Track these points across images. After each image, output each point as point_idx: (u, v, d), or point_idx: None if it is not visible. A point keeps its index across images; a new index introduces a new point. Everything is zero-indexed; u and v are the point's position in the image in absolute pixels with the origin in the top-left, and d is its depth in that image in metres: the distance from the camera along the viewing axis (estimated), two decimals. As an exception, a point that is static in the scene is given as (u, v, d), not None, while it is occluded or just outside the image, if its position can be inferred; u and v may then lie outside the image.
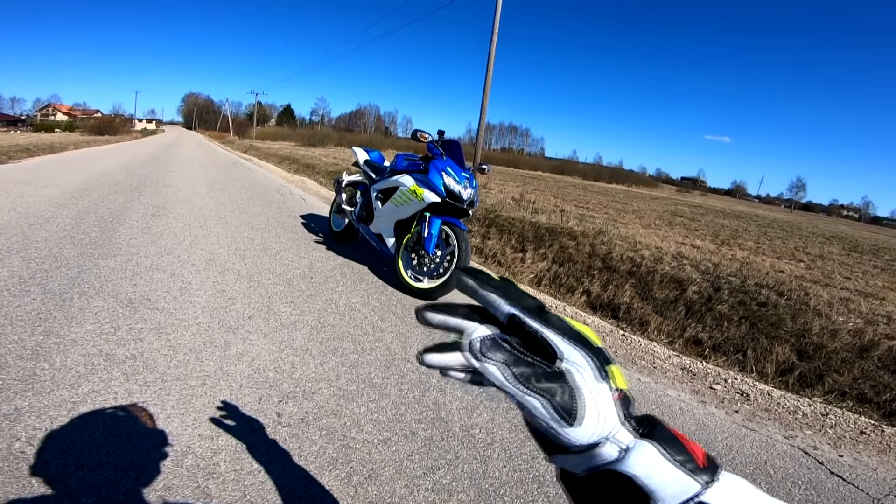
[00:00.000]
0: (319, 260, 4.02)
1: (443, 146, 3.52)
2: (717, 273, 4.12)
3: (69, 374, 1.82)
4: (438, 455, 1.63)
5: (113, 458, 1.40)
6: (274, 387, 1.92)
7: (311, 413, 1.77)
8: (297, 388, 1.93)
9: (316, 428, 1.69)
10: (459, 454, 1.65)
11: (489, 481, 1.53)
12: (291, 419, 1.72)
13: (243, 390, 1.87)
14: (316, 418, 1.75)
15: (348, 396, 1.93)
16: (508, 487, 1.51)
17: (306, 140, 42.96)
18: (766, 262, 6.96)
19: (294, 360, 2.17)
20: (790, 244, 11.32)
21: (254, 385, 1.91)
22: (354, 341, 2.48)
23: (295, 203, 7.09)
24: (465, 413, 1.91)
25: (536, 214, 6.04)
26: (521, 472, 1.60)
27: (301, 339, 2.42)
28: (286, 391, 1.90)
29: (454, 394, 2.05)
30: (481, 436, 1.77)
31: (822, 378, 2.73)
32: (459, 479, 1.52)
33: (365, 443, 1.64)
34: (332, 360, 2.22)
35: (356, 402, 1.89)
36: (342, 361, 2.23)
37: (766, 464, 1.88)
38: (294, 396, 1.87)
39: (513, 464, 1.63)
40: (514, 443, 1.75)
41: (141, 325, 2.32)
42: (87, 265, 3.14)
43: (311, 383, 1.99)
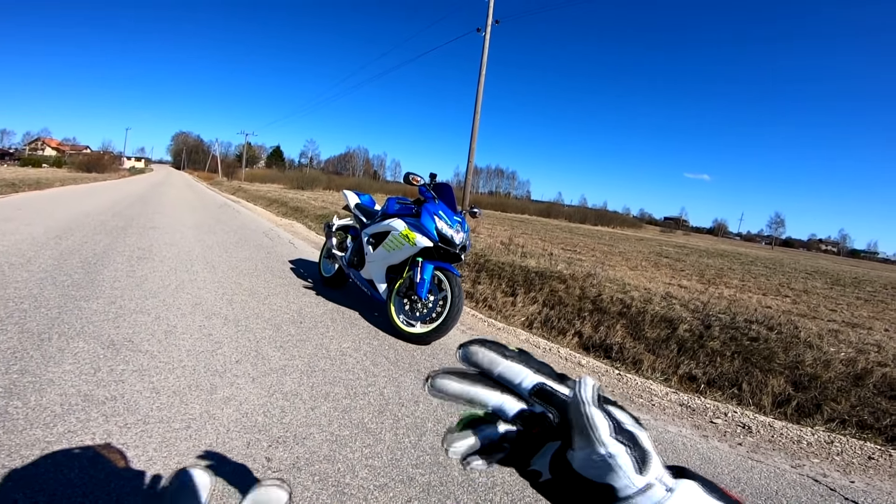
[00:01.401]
0: (309, 305, 3.95)
1: (435, 189, 3.52)
2: (706, 311, 4.15)
3: (44, 413, 1.75)
4: (438, 501, 1.55)
5: (88, 499, 1.33)
6: (263, 431, 1.84)
7: (303, 458, 1.69)
8: (288, 433, 1.85)
9: (308, 473, 1.60)
10: (460, 499, 1.58)
11: (491, 529, 1.45)
12: (282, 464, 1.64)
13: (231, 434, 1.78)
14: (308, 464, 1.66)
15: (341, 441, 1.85)
16: (512, 535, 1.44)
17: (295, 183, 43.25)
18: (752, 299, 7.04)
19: (284, 405, 2.09)
20: (774, 280, 11.50)
21: (242, 429, 1.83)
22: (346, 386, 2.41)
23: (283, 247, 7.05)
24: (463, 456, 1.84)
25: (525, 258, 6.08)
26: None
27: (291, 383, 2.34)
28: (276, 436, 1.82)
29: (451, 436, 1.98)
30: (481, 480, 1.70)
31: (820, 407, 2.74)
32: (460, 527, 1.44)
33: (360, 489, 1.56)
34: (323, 405, 2.15)
35: (350, 448, 1.81)
36: (334, 406, 2.16)
37: (777, 494, 1.85)
38: (284, 441, 1.79)
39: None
40: (517, 486, 1.68)
41: (123, 367, 2.24)
42: (68, 306, 3.05)
43: (303, 428, 1.91)
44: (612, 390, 2.86)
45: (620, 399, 2.73)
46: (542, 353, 3.52)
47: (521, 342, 3.72)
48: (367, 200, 4.47)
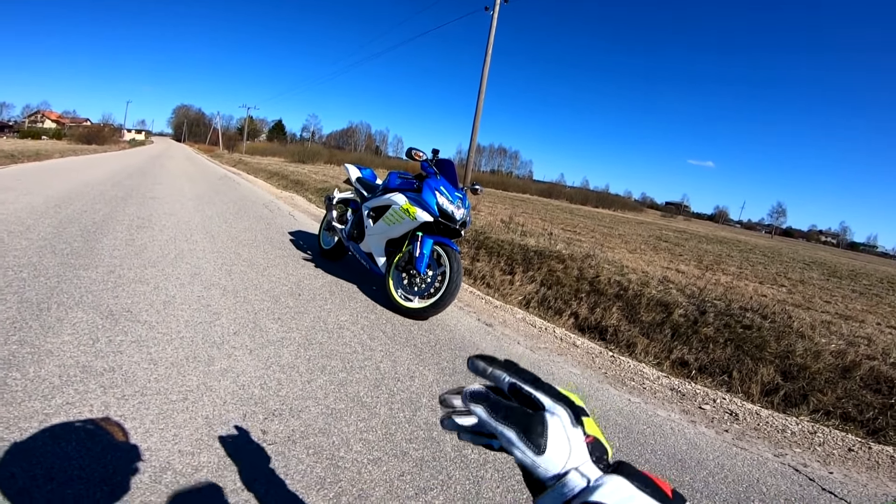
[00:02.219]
0: (308, 277, 3.97)
1: (437, 165, 3.51)
2: (702, 297, 4.17)
3: (42, 384, 1.75)
4: (430, 475, 1.58)
5: (86, 472, 1.34)
6: (259, 404, 1.86)
7: (298, 431, 1.72)
8: (284, 406, 1.88)
9: (303, 446, 1.63)
10: (452, 475, 1.61)
11: (483, 502, 1.49)
12: (277, 437, 1.66)
13: (227, 406, 1.81)
14: (303, 436, 1.69)
15: (336, 415, 1.87)
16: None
17: (296, 156, 42.89)
18: (749, 287, 7.07)
19: (281, 378, 2.11)
20: (772, 269, 11.53)
21: (238, 401, 1.85)
22: (343, 359, 2.43)
23: (283, 219, 7.03)
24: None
25: (525, 237, 6.07)
26: (515, 492, 1.56)
27: (288, 356, 2.37)
28: (272, 408, 1.85)
29: (445, 413, 2.01)
30: (474, 456, 1.73)
31: (807, 398, 2.77)
32: (452, 501, 1.48)
33: (354, 462, 1.59)
34: (319, 378, 2.17)
35: (345, 421, 1.84)
36: (330, 379, 2.18)
37: (758, 482, 1.89)
38: (280, 414, 1.82)
39: (506, 484, 1.59)
40: (508, 463, 1.71)
41: (121, 338, 2.25)
42: (67, 275, 3.05)
43: (299, 401, 1.94)
44: (605, 372, 2.90)
45: (613, 381, 2.77)
46: (538, 332, 3.55)
47: (518, 321, 3.75)
48: (369, 174, 4.45)
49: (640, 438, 2.12)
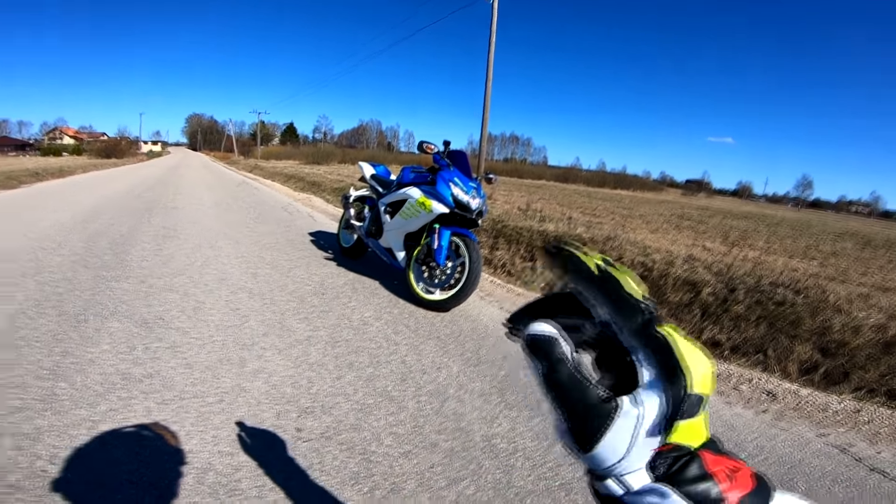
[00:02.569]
0: (330, 276, 4.02)
1: (449, 157, 3.51)
2: (730, 274, 4.07)
3: (88, 393, 1.83)
4: (461, 466, 1.60)
5: (134, 476, 1.39)
6: (292, 402, 1.91)
7: (331, 427, 1.76)
8: (315, 403, 1.92)
9: (336, 442, 1.67)
10: (482, 464, 1.62)
11: (514, 491, 1.50)
12: (311, 434, 1.70)
13: (261, 406, 1.86)
14: (336, 433, 1.73)
15: (367, 410, 1.91)
16: (534, 496, 1.47)
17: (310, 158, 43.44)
18: (778, 262, 6.88)
19: (311, 376, 2.16)
20: (801, 242, 11.20)
21: (271, 401, 1.90)
22: (369, 355, 2.47)
23: (303, 220, 7.13)
24: (485, 423, 1.88)
25: (544, 223, 6.02)
26: (547, 479, 1.56)
27: (316, 354, 2.41)
28: (304, 406, 1.89)
29: (473, 404, 2.03)
30: (503, 445, 1.74)
31: (849, 375, 2.65)
32: (483, 490, 1.49)
33: (386, 456, 1.62)
34: (348, 375, 2.21)
35: (374, 416, 1.87)
36: (358, 375, 2.22)
37: (801, 463, 1.81)
38: (312, 412, 1.86)
39: (537, 472, 1.59)
40: (538, 451, 1.71)
41: (157, 345, 2.33)
42: (100, 287, 3.16)
43: (329, 398, 1.98)
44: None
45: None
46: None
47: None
48: (383, 171, 4.48)
49: None
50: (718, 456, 0.28)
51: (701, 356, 0.28)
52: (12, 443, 1.50)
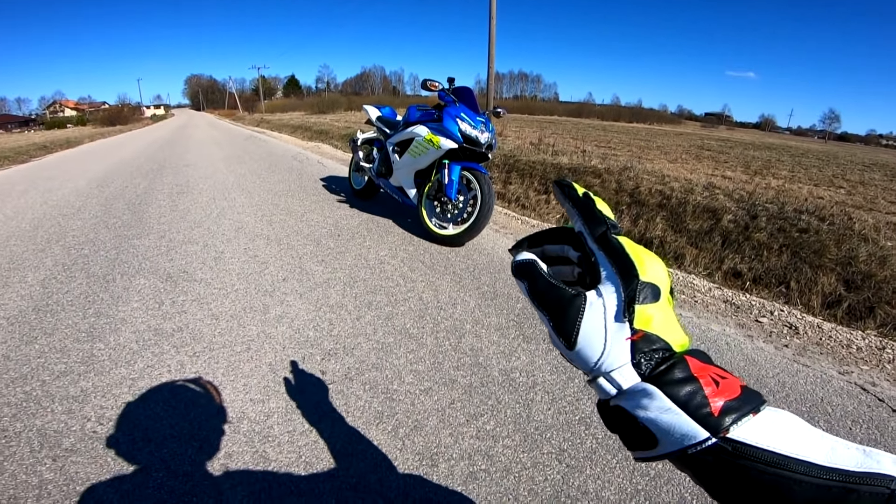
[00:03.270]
0: (344, 218, 4.05)
1: (454, 93, 3.42)
2: (752, 201, 3.95)
3: (124, 351, 1.91)
4: (480, 401, 1.64)
5: (175, 430, 1.46)
6: (315, 345, 1.97)
7: (354, 368, 1.81)
8: (338, 345, 1.97)
9: (359, 383, 1.72)
10: (501, 399, 1.66)
11: (534, 425, 1.53)
12: (335, 376, 1.76)
13: (286, 351, 1.92)
14: (358, 373, 1.78)
15: (387, 349, 1.96)
16: (554, 430, 1.51)
17: (315, 108, 42.66)
18: (803, 190, 6.67)
19: (331, 318, 2.21)
20: (827, 172, 10.78)
21: (296, 345, 1.96)
22: (387, 293, 2.51)
23: (313, 167, 7.08)
24: (503, 357, 1.91)
25: (557, 156, 5.87)
26: (567, 413, 1.59)
27: (335, 295, 2.46)
28: (327, 349, 1.94)
29: (490, 338, 2.06)
30: (522, 379, 1.78)
31: (873, 310, 2.55)
32: (503, 425, 1.53)
33: (407, 394, 1.67)
34: (367, 315, 2.26)
35: (395, 354, 1.92)
36: (377, 314, 2.26)
37: (822, 401, 1.77)
38: (335, 353, 1.91)
39: (557, 406, 1.62)
40: (557, 385, 1.74)
41: (183, 298, 2.40)
42: (123, 246, 3.23)
43: (350, 339, 2.03)
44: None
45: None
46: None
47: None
48: (389, 112, 4.40)
49: None
50: (705, 364, 0.30)
51: (651, 255, 0.33)
52: (63, 407, 1.58)
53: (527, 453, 1.41)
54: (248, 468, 1.33)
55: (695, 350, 0.32)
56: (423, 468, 1.35)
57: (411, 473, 1.33)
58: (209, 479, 1.29)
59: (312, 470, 1.33)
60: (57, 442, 1.42)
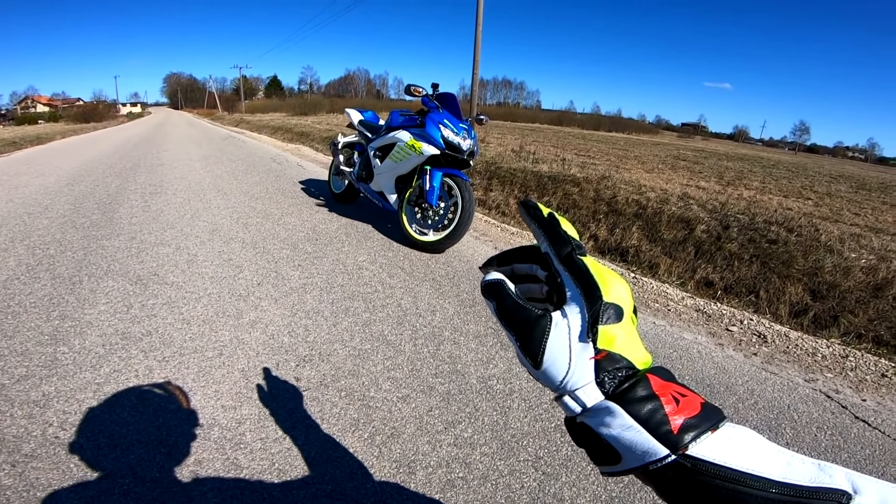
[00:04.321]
0: (323, 222, 4.01)
1: (438, 99, 3.43)
2: (724, 211, 4.06)
3: (89, 355, 1.84)
4: (458, 409, 1.63)
5: (143, 436, 1.41)
6: (290, 351, 1.93)
7: (329, 375, 1.78)
8: (313, 352, 1.94)
9: (335, 390, 1.70)
10: (479, 406, 1.65)
11: (511, 432, 1.53)
12: (310, 383, 1.73)
13: (260, 357, 1.88)
14: (334, 380, 1.76)
15: (364, 356, 1.93)
16: (531, 438, 1.51)
17: (297, 109, 42.20)
18: (773, 201, 6.86)
19: (307, 323, 2.18)
20: (797, 183, 11.13)
21: (270, 351, 1.92)
22: (365, 300, 2.48)
23: (292, 170, 7.00)
24: (480, 365, 1.91)
25: (538, 164, 5.93)
26: (543, 421, 1.60)
27: (312, 301, 2.42)
28: (302, 355, 1.91)
29: (468, 346, 2.06)
30: (499, 387, 1.78)
31: (838, 319, 2.66)
32: (481, 432, 1.53)
33: (384, 401, 1.65)
34: (344, 321, 2.23)
35: (372, 361, 1.90)
36: (355, 321, 2.24)
37: (789, 408, 1.83)
38: (310, 360, 1.88)
39: (533, 413, 1.63)
40: (534, 392, 1.75)
41: (153, 301, 2.33)
42: (91, 247, 3.13)
43: (326, 345, 2.00)
44: (626, 296, 2.89)
45: (637, 303, 2.76)
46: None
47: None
48: (371, 116, 4.39)
49: (666, 363, 2.09)
50: (667, 382, 0.31)
51: (615, 276, 0.34)
52: (23, 412, 1.51)
53: (504, 461, 1.41)
54: (218, 475, 1.30)
55: (658, 368, 0.33)
56: (400, 476, 1.34)
57: (388, 481, 1.32)
58: (178, 486, 1.26)
59: (286, 477, 1.30)
60: (16, 447, 1.36)
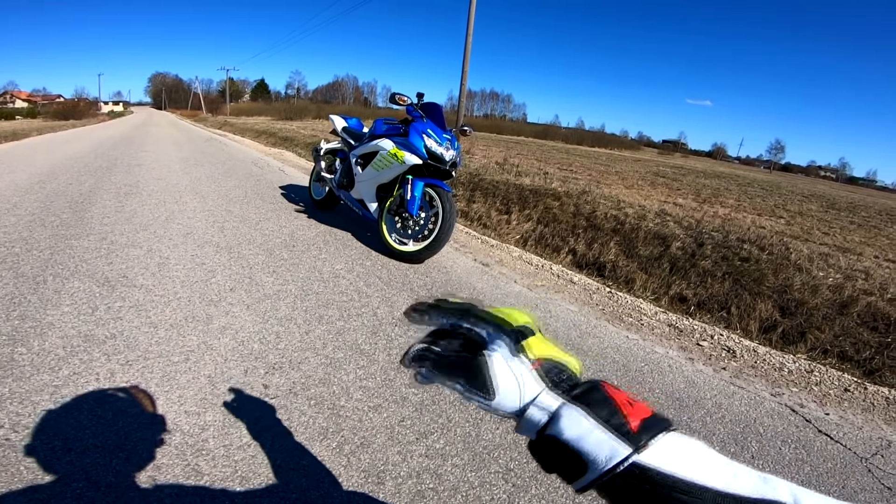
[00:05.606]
0: (301, 228, 3.95)
1: (422, 108, 3.43)
2: (699, 228, 4.15)
3: (48, 357, 1.77)
4: (430, 420, 1.62)
5: (100, 440, 1.37)
6: (259, 358, 1.89)
7: (299, 383, 1.75)
8: (284, 359, 1.90)
9: (304, 398, 1.66)
10: (452, 418, 1.64)
11: (483, 444, 1.52)
12: (279, 390, 1.69)
13: (228, 364, 1.83)
14: (304, 388, 1.72)
15: (336, 364, 1.90)
16: (502, 450, 1.51)
17: (283, 114, 42.00)
18: (747, 219, 7.06)
19: (279, 331, 2.14)
20: (770, 202, 11.48)
21: (239, 358, 1.88)
22: (340, 308, 2.45)
23: (273, 175, 6.93)
24: (455, 376, 1.90)
25: (520, 177, 5.99)
26: (515, 433, 1.59)
27: (285, 308, 2.38)
28: (272, 362, 1.87)
29: (444, 357, 2.04)
30: (473, 398, 1.76)
31: (805, 335, 2.74)
32: (453, 444, 1.51)
33: (355, 410, 1.62)
34: (317, 329, 2.19)
35: (344, 370, 1.87)
36: (328, 329, 2.20)
37: (755, 422, 1.86)
38: (280, 367, 1.84)
39: (506, 425, 1.62)
40: (506, 402, 1.74)
41: (119, 304, 2.26)
42: (59, 246, 3.03)
43: (298, 353, 1.96)
44: (602, 308, 2.92)
45: (610, 318, 2.80)
46: (535, 270, 3.56)
47: (514, 259, 3.77)
48: (355, 123, 4.37)
49: (637, 376, 2.11)
50: (619, 389, 0.35)
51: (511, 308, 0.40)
52: None
53: (475, 472, 1.40)
54: (178, 482, 1.26)
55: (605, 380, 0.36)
56: (368, 485, 1.31)
57: (356, 490, 1.30)
58: (135, 491, 1.22)
59: (249, 485, 1.27)
60: (-38, 448, 1.30)
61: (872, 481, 1.61)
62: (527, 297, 2.96)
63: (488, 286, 3.05)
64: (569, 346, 2.33)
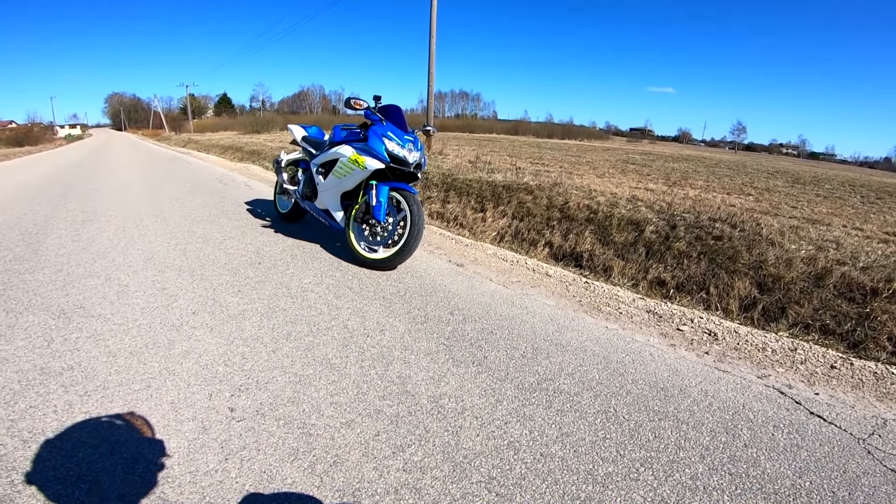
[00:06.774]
0: (267, 244, 3.84)
1: (381, 111, 3.35)
2: (671, 211, 4.17)
3: (3, 392, 1.69)
4: (407, 431, 1.55)
5: (60, 472, 1.31)
6: (224, 381, 1.80)
7: (267, 404, 1.67)
8: (250, 380, 1.81)
9: (272, 419, 1.58)
10: (429, 428, 1.57)
11: (463, 453, 1.46)
12: (245, 413, 1.61)
13: (192, 388, 1.74)
14: (272, 408, 1.64)
15: (305, 381, 1.82)
16: (483, 458, 1.45)
17: (249, 127, 41.45)
18: (717, 198, 7.19)
19: (244, 351, 2.04)
20: (738, 181, 11.76)
21: (203, 382, 1.78)
22: (309, 323, 2.36)
23: (239, 190, 6.75)
24: (431, 383, 1.84)
25: (493, 174, 5.96)
26: (496, 439, 1.53)
27: (251, 328, 2.28)
28: (238, 384, 1.78)
29: (419, 364, 1.98)
30: (451, 405, 1.70)
31: (785, 311, 2.72)
32: (432, 455, 1.45)
33: (327, 428, 1.55)
34: (285, 346, 2.11)
35: (314, 387, 1.79)
36: (296, 346, 2.12)
37: (744, 407, 1.79)
38: (247, 389, 1.75)
39: (486, 431, 1.57)
40: (486, 408, 1.69)
41: (76, 335, 2.15)
42: (12, 281, 2.87)
43: (265, 372, 1.87)
44: (579, 300, 2.88)
45: (588, 309, 2.76)
46: (510, 266, 3.52)
47: (489, 257, 3.73)
48: (315, 132, 4.27)
49: (619, 368, 2.04)
50: None
51: None
52: None
53: (456, 484, 1.34)
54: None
55: None
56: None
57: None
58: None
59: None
60: None
61: (874, 464, 1.52)
62: (502, 294, 2.91)
63: (463, 287, 2.99)
64: (546, 342, 2.28)
